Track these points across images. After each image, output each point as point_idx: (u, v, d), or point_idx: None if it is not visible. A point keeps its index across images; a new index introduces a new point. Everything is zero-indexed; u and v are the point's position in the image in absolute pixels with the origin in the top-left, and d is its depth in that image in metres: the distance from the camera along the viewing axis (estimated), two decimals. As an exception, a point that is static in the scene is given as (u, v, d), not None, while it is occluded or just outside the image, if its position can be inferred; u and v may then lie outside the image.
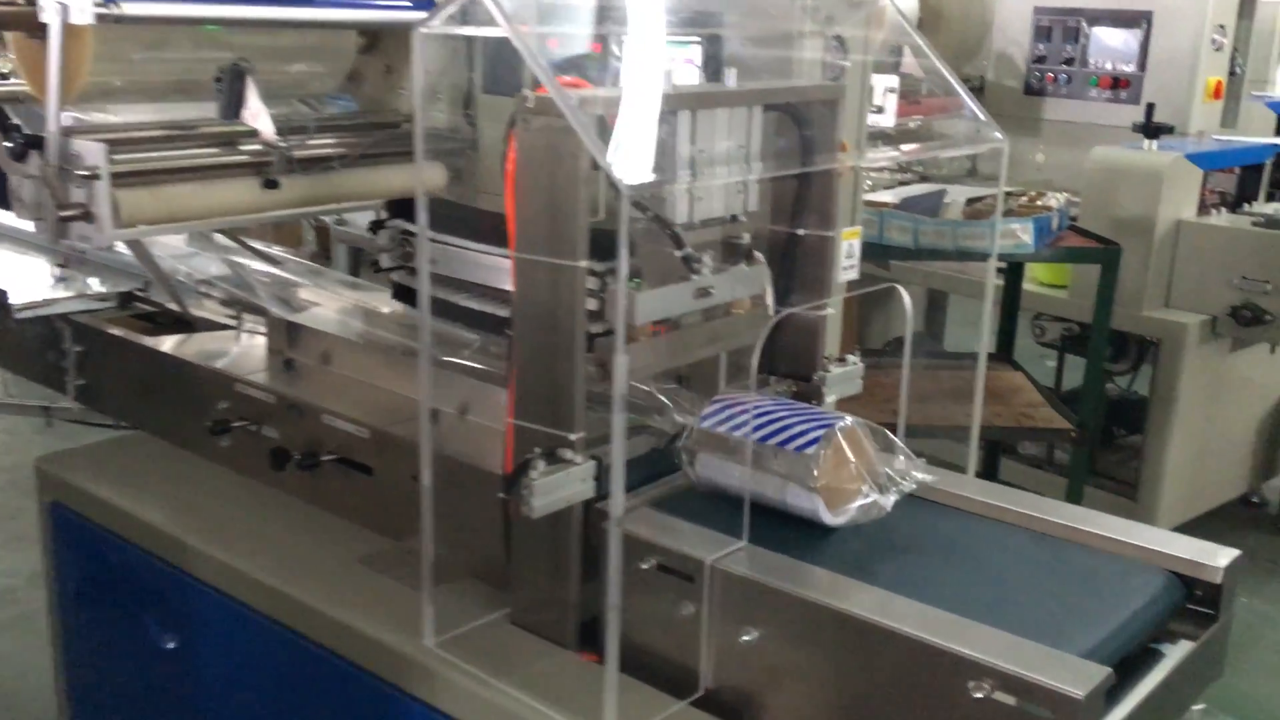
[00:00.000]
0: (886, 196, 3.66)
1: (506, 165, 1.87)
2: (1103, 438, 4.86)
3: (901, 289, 2.11)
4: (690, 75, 2.04)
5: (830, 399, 2.40)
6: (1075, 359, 5.00)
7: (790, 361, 2.39)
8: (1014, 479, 4.90)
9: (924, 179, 5.11)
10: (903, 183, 4.94)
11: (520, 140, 1.84)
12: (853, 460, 1.94)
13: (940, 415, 3.88)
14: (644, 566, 1.87)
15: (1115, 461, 4.86)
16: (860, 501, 1.92)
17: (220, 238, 3.14)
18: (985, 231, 3.30)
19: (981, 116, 2.37)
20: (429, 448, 1.90)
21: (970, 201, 3.58)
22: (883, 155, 2.83)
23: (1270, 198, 4.97)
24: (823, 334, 2.37)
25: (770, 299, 2.27)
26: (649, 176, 1.71)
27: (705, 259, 2.08)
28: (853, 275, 2.27)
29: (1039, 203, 3.82)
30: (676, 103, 1.97)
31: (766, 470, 1.94)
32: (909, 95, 4.06)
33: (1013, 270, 4.45)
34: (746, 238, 2.18)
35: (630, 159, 1.65)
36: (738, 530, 1.86)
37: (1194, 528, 4.68)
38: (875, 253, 3.54)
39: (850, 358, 2.46)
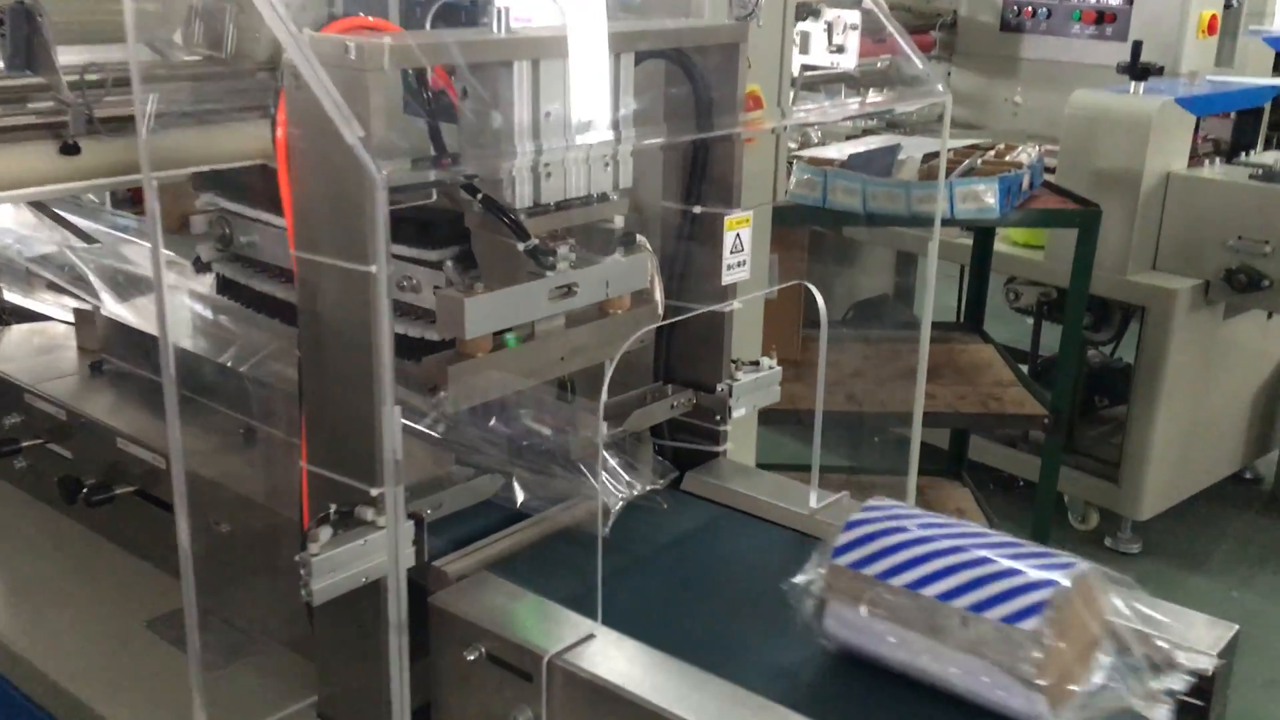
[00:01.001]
0: (832, 152, 3.20)
1: (276, 135, 1.42)
2: (1083, 409, 4.44)
3: (811, 287, 1.67)
4: (549, 13, 1.59)
5: (739, 413, 1.96)
6: (1054, 325, 4.57)
7: (690, 367, 1.96)
8: (985, 459, 4.49)
9: (892, 126, 4.63)
10: (867, 131, 4.47)
11: (292, 102, 1.38)
12: (1089, 625, 1.33)
13: (901, 399, 3.45)
14: (470, 658, 1.45)
15: (1095, 437, 4.44)
16: (1090, 688, 1.30)
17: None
18: (944, 193, 2.85)
19: (919, 64, 1.91)
20: (183, 505, 1.45)
21: (927, 158, 3.12)
22: (809, 111, 2.35)
23: (1269, 145, 4.51)
24: (728, 334, 1.93)
25: (659, 294, 1.83)
26: (405, 164, 1.26)
27: (563, 250, 1.63)
28: (742, 275, 1.82)
29: (1009, 158, 3.35)
30: (508, 50, 1.51)
31: (947, 642, 1.31)
32: (876, 32, 3.59)
33: (983, 230, 4.00)
34: (619, 220, 1.72)
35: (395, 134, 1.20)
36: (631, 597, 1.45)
37: (1183, 511, 4.28)
38: (820, 218, 3.09)
39: (765, 361, 2.02)
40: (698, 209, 1.87)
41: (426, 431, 1.71)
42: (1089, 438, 4.42)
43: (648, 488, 1.78)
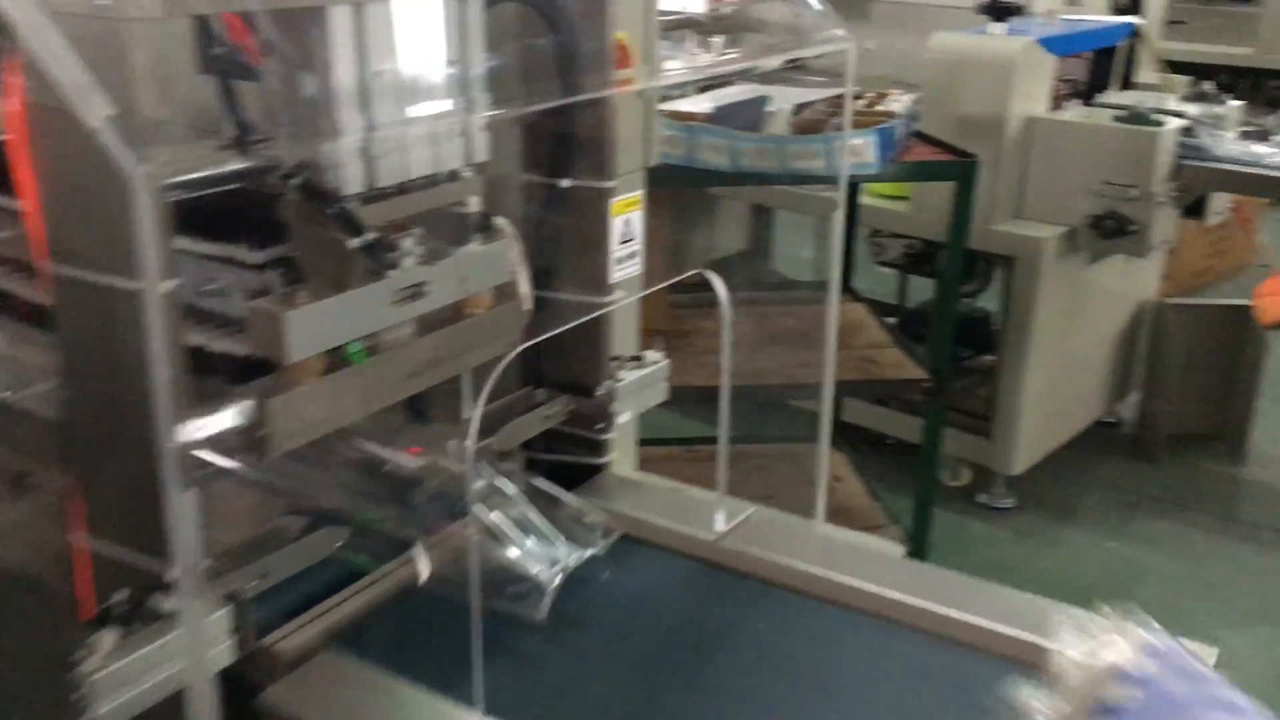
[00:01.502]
0: (694, 105, 2.92)
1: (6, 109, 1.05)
2: (949, 362, 4.32)
3: (714, 278, 1.39)
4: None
5: (624, 418, 1.69)
6: (919, 277, 4.44)
7: (564, 369, 1.67)
8: (858, 419, 4.34)
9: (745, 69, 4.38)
10: (726, 81, 4.20)
11: (26, 65, 1.02)
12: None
13: (774, 368, 3.23)
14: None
15: (962, 390, 4.32)
16: None
17: None
18: (821, 149, 2.61)
19: (814, 3, 1.65)
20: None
21: (799, 109, 2.89)
22: (684, 69, 2.07)
23: (1125, 85, 4.44)
24: (607, 329, 1.64)
25: (525, 287, 1.53)
26: (191, 149, 0.93)
27: (408, 243, 1.31)
28: (633, 270, 1.53)
29: (879, 107, 3.15)
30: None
31: None
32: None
33: (850, 184, 3.79)
34: (474, 203, 1.41)
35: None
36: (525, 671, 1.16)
37: (1052, 461, 4.21)
38: (689, 179, 2.82)
39: (650, 355, 1.75)
40: (566, 182, 1.57)
41: (247, 472, 1.39)
42: (956, 390, 4.30)
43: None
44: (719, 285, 1.40)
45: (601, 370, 1.65)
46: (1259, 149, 3.89)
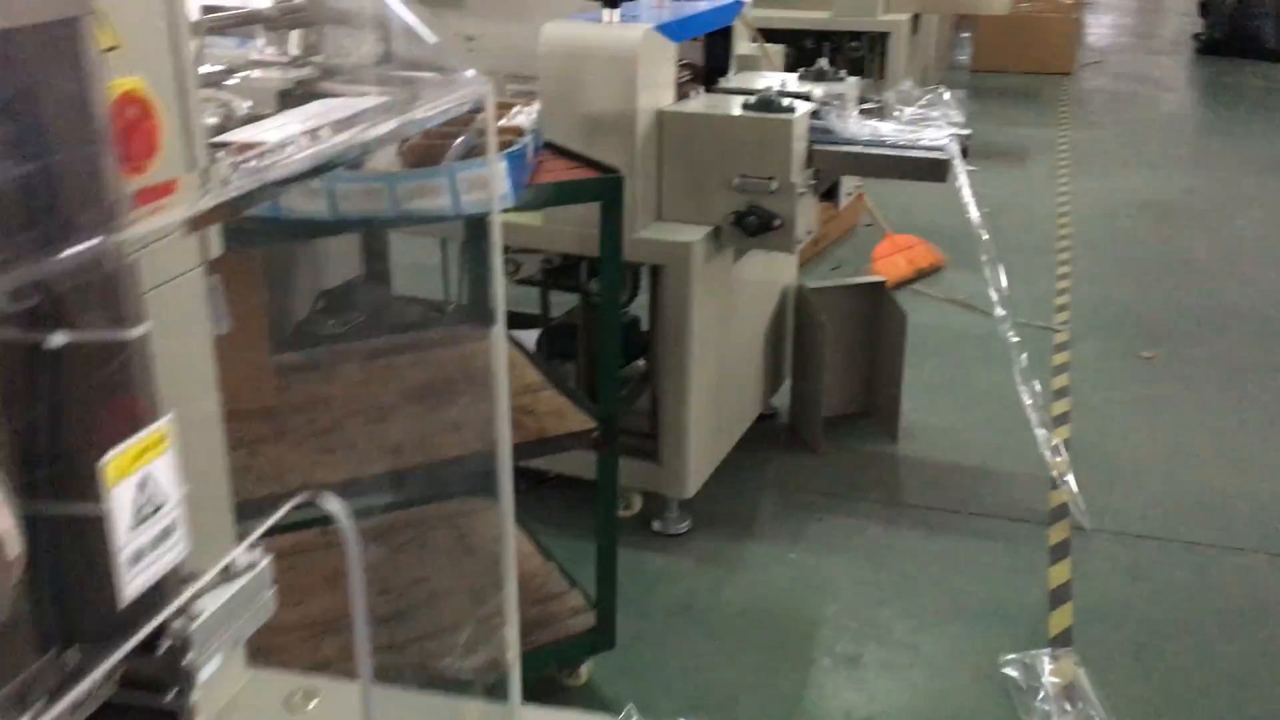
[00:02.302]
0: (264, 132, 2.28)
1: None
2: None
3: (332, 502, 0.86)
4: None
5: (208, 669, 1.11)
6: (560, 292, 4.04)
7: (72, 614, 1.07)
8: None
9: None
10: (301, 85, 3.55)
11: None
12: None
13: (416, 438, 2.70)
14: None
15: (621, 401, 3.99)
16: None
17: None
18: (443, 184, 2.10)
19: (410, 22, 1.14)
20: None
21: (402, 141, 2.34)
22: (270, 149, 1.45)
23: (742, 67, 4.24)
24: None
25: (7, 522, 0.93)
26: None
27: None
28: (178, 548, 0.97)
29: (504, 122, 2.67)
30: None
31: None
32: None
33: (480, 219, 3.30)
34: None
35: None
36: None
37: (721, 471, 3.96)
38: (276, 234, 2.22)
39: (242, 557, 1.18)
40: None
41: None
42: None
43: None
44: (338, 509, 0.87)
45: (161, 602, 1.07)
46: (883, 128, 3.78)
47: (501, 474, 1.48)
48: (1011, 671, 3.13)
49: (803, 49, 7.28)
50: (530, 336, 4.00)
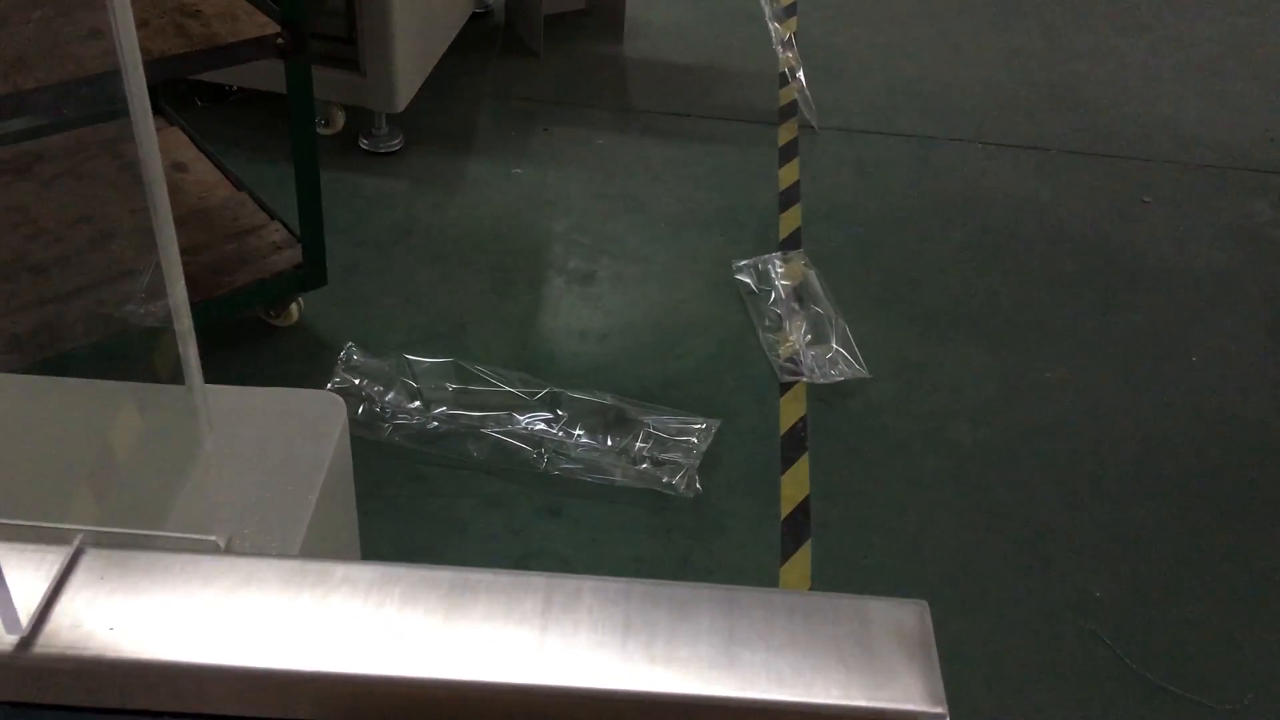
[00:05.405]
0: None
1: None
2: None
3: None
4: None
5: None
6: None
7: None
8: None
9: None
10: None
11: None
12: None
13: (45, 47, 2.18)
14: None
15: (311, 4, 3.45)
16: None
17: None
18: None
19: None
20: None
21: None
22: None
23: None
24: None
25: None
26: None
27: None
28: None
29: None
30: None
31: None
32: None
33: None
34: None
35: None
36: None
37: (435, 77, 3.56)
38: None
39: None
40: None
41: None
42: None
43: None
44: None
45: None
46: None
47: (132, 89, 1.10)
48: (744, 277, 3.08)
49: None
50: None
